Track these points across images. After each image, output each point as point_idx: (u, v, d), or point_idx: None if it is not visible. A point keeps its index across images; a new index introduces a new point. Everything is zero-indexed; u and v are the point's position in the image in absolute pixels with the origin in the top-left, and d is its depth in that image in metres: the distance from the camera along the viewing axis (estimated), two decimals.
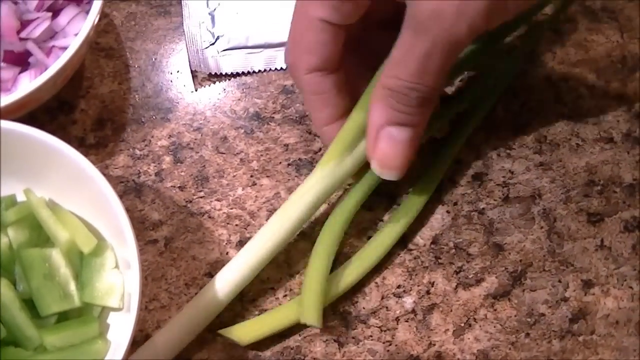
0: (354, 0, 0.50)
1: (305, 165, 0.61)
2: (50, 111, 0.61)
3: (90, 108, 0.62)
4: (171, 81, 0.63)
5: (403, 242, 0.59)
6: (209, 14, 0.63)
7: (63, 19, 0.58)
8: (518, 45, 0.65)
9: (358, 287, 0.57)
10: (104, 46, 0.64)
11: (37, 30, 0.57)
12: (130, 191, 0.60)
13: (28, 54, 0.58)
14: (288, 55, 0.54)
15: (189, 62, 0.63)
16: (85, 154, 0.59)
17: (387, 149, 0.52)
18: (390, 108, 0.51)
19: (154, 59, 0.64)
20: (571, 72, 0.65)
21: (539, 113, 0.63)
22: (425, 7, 0.46)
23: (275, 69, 0.64)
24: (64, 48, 0.58)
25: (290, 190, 0.60)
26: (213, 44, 0.63)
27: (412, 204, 0.59)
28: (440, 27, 0.46)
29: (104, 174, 0.58)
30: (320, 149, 0.62)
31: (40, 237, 0.54)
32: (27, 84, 0.57)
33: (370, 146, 0.53)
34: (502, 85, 0.62)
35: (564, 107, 0.64)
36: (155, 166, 0.61)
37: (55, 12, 0.59)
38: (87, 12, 0.59)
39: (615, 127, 0.63)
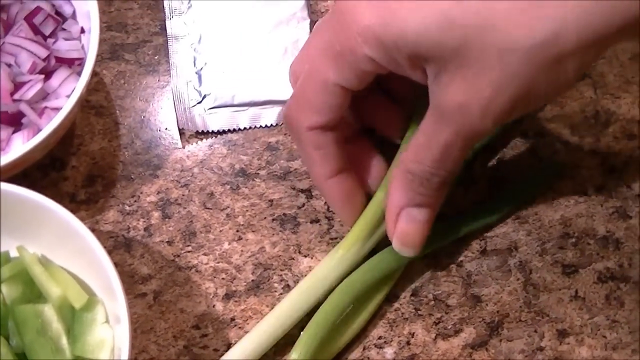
0: (374, 72, 0.52)
1: (290, 220, 0.63)
2: (42, 168, 0.63)
3: (81, 165, 0.64)
4: (159, 138, 0.65)
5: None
6: (196, 72, 0.66)
7: (55, 81, 0.60)
8: None
9: None
10: (94, 104, 0.66)
11: (30, 92, 0.59)
12: (120, 246, 0.62)
13: (21, 114, 0.60)
14: (291, 111, 0.56)
15: (177, 120, 0.65)
16: (76, 210, 0.62)
17: (407, 228, 0.55)
18: (412, 191, 0.53)
19: (142, 117, 0.66)
20: (547, 128, 0.67)
21: (516, 168, 0.66)
22: (452, 99, 0.48)
23: (261, 126, 0.66)
24: (56, 109, 0.60)
25: (274, 245, 0.62)
26: (200, 102, 0.65)
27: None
28: (466, 121, 0.48)
29: (95, 230, 0.60)
30: (304, 204, 0.64)
31: (33, 292, 0.56)
32: (20, 144, 0.59)
33: (391, 225, 0.56)
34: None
35: (539, 161, 0.66)
36: (144, 221, 0.63)
37: (48, 74, 0.61)
38: (79, 74, 0.61)
39: (589, 180, 0.65)
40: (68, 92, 0.60)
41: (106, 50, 0.67)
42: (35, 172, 0.63)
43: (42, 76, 0.60)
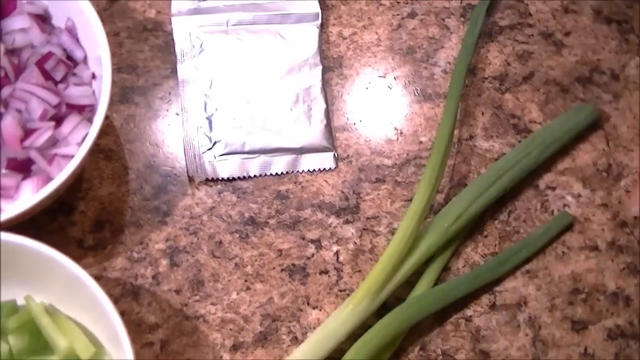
0: None
1: (299, 271, 0.63)
2: (50, 212, 0.63)
3: (89, 210, 0.64)
4: (169, 184, 0.65)
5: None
6: (207, 118, 0.65)
7: (66, 128, 0.60)
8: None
9: None
10: (104, 148, 0.65)
11: (40, 139, 0.59)
12: (127, 294, 0.61)
13: (31, 161, 0.59)
14: None
15: (187, 167, 0.65)
16: (84, 256, 0.61)
17: None
18: None
19: (152, 162, 0.65)
20: (558, 180, 0.67)
21: (526, 221, 0.65)
22: None
23: (270, 174, 0.65)
24: (66, 156, 0.59)
25: (283, 296, 0.62)
26: (210, 148, 0.65)
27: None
28: None
29: (102, 277, 0.60)
30: (313, 255, 0.63)
31: (40, 342, 0.56)
32: (30, 191, 0.58)
33: None
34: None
35: (550, 214, 0.65)
36: (152, 269, 0.62)
37: (58, 120, 0.60)
38: (89, 120, 0.61)
39: (600, 235, 0.65)
40: (78, 139, 0.60)
41: (116, 93, 0.67)
42: (43, 217, 0.63)
43: (53, 123, 0.60)
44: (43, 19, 0.64)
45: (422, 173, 0.66)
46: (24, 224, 0.56)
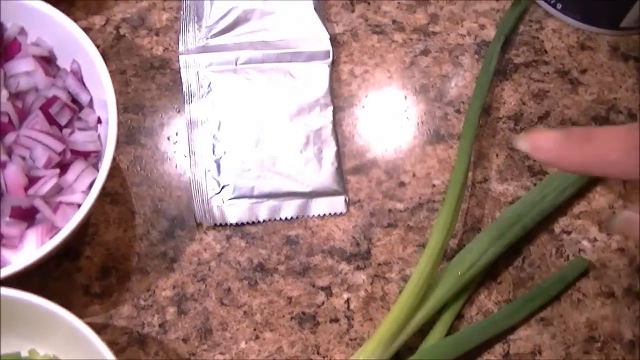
0: None
1: (309, 319, 0.61)
2: (56, 257, 0.61)
3: (95, 255, 0.62)
4: (176, 229, 0.63)
5: None
6: (215, 161, 0.64)
7: (71, 175, 0.59)
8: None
9: None
10: (110, 191, 0.64)
11: (44, 187, 0.58)
12: (134, 342, 0.60)
13: (35, 210, 0.58)
14: None
15: (194, 211, 0.63)
16: (90, 303, 0.60)
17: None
18: None
19: (159, 206, 0.64)
20: (574, 224, 0.65)
21: (540, 267, 0.64)
22: None
23: (280, 218, 0.64)
24: (72, 204, 0.58)
25: (293, 345, 0.61)
26: (218, 193, 0.63)
27: None
28: None
29: (109, 325, 0.59)
30: (323, 302, 0.62)
31: None
32: (34, 240, 0.57)
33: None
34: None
35: (565, 260, 0.64)
36: (159, 317, 0.61)
37: (63, 167, 0.59)
38: (94, 166, 0.60)
39: (616, 281, 0.64)
40: (84, 187, 0.59)
41: (122, 134, 0.66)
42: (49, 262, 0.61)
43: (58, 171, 0.58)
44: (48, 61, 0.62)
45: (434, 217, 0.65)
46: (30, 271, 0.55)
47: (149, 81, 0.67)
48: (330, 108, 0.66)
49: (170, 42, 0.68)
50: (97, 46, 0.65)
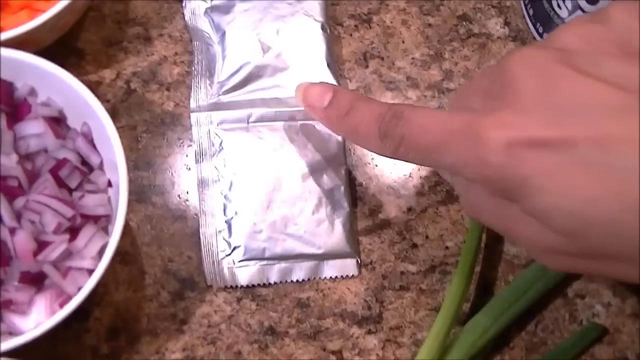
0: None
1: None
2: (64, 319, 0.61)
3: (104, 316, 0.62)
4: (186, 290, 0.63)
5: None
6: (226, 222, 0.63)
7: (81, 240, 0.58)
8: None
9: None
10: (120, 250, 0.63)
11: (54, 253, 0.57)
12: None
13: (44, 275, 0.57)
14: None
15: (205, 273, 0.63)
16: None
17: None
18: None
19: (169, 266, 0.63)
20: (587, 288, 0.65)
21: (554, 332, 0.63)
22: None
23: (291, 281, 0.63)
24: (81, 269, 0.58)
25: None
26: (229, 254, 0.63)
27: None
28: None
29: None
30: None
31: None
32: (43, 306, 0.57)
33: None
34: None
35: (579, 325, 0.64)
36: None
37: (73, 231, 0.58)
38: (104, 229, 0.59)
39: (630, 347, 0.63)
40: (94, 252, 0.58)
41: (133, 192, 0.65)
42: (57, 324, 0.61)
43: (67, 236, 0.58)
44: (57, 121, 0.62)
45: (447, 280, 0.64)
46: None
47: (159, 137, 0.67)
48: (344, 168, 0.65)
49: (181, 98, 0.68)
50: (107, 101, 0.65)
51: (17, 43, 0.60)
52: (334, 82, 0.67)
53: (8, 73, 0.60)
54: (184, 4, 0.70)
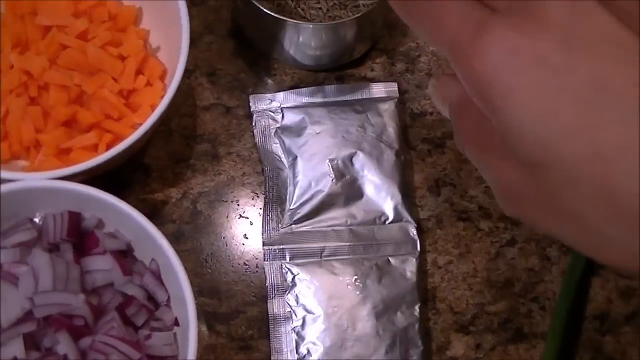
0: None
1: None
2: None
3: None
4: None
5: None
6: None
7: None
8: None
9: None
10: None
11: None
12: None
13: None
14: None
15: None
16: None
17: None
18: None
19: None
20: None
21: None
22: None
23: None
24: None
25: None
26: None
27: None
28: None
29: None
30: None
31: None
32: None
33: None
34: None
35: None
36: None
37: None
38: None
39: None
40: None
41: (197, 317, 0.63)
42: None
43: None
44: (124, 253, 0.60)
45: None
46: None
47: (226, 263, 0.65)
48: (417, 305, 0.63)
49: (253, 231, 0.66)
50: (173, 221, 0.63)
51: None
52: (407, 215, 0.65)
53: (75, 204, 0.59)
54: (253, 122, 0.68)
